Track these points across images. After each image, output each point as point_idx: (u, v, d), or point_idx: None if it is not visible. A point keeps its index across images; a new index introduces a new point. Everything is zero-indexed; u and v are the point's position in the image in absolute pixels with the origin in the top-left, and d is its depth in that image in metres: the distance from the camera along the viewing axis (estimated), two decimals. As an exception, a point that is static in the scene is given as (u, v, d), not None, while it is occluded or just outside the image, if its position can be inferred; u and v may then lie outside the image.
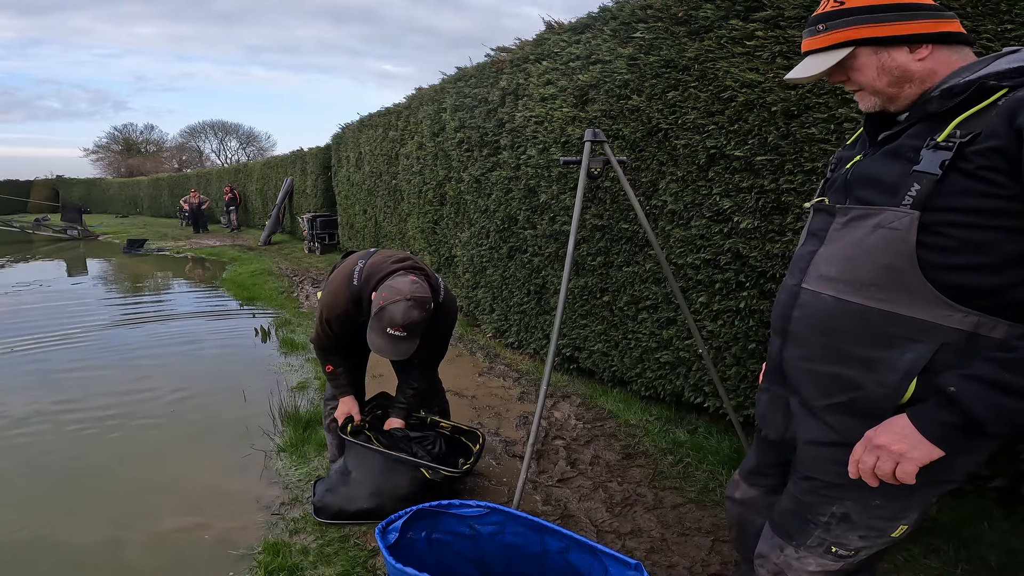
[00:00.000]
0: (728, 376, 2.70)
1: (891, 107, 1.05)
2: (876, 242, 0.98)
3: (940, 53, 1.00)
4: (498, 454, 2.84)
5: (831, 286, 1.05)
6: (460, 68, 4.89)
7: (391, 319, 1.94)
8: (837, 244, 1.05)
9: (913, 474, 0.94)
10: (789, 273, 1.17)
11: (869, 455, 0.98)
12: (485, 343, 4.78)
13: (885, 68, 1.01)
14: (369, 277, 2.12)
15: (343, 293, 2.15)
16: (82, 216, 17.25)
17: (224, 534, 2.24)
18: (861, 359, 1.01)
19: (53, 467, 2.83)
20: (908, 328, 0.96)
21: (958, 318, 0.93)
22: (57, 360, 4.65)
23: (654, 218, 2.99)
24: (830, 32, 1.04)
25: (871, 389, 1.00)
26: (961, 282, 0.93)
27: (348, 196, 8.94)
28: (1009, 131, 0.88)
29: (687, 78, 2.70)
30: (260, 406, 3.41)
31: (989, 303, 0.92)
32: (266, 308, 6.43)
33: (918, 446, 0.93)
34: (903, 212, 0.95)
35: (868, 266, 0.99)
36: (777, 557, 1.15)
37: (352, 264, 2.20)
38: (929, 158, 0.94)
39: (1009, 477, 1.98)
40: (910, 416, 0.95)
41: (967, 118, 0.93)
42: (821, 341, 1.07)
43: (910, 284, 0.95)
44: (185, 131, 48.64)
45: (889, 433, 0.96)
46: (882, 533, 1.07)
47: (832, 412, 1.06)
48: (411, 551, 1.50)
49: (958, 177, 0.92)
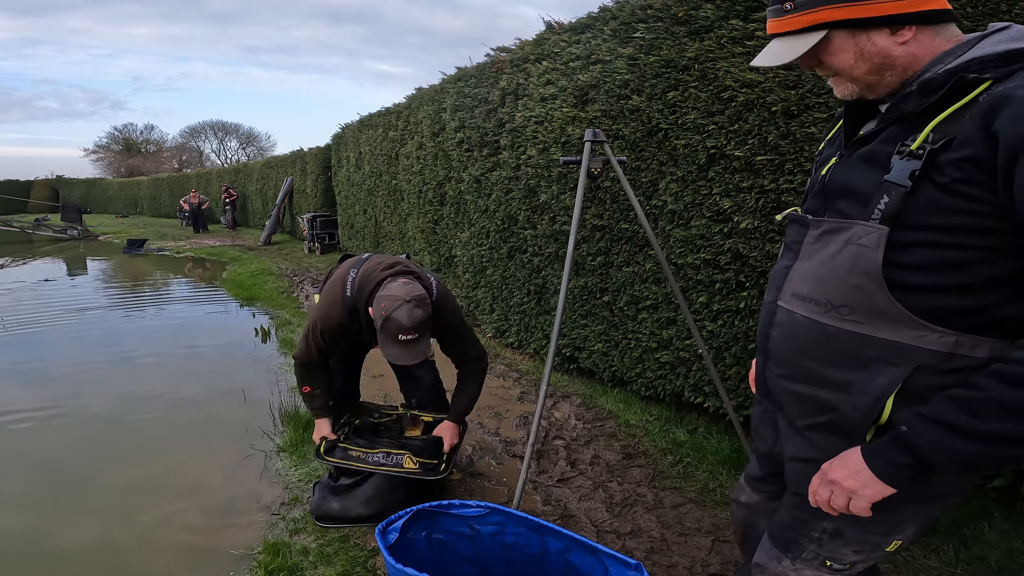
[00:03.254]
0: (728, 376, 2.70)
1: (870, 95, 0.95)
2: (845, 259, 0.91)
3: (924, 35, 0.88)
4: (498, 454, 2.83)
5: (804, 306, 0.98)
6: (460, 68, 4.89)
7: (399, 325, 1.93)
8: (810, 261, 0.98)
9: (866, 509, 0.91)
10: (767, 288, 1.11)
11: (824, 489, 0.96)
12: (485, 343, 4.77)
13: (864, 54, 0.90)
14: (362, 287, 2.11)
15: (337, 305, 2.15)
16: (82, 216, 17.26)
17: (224, 534, 2.24)
18: (835, 382, 0.96)
19: (52, 467, 2.83)
20: (882, 351, 0.89)
21: (934, 339, 0.85)
22: (56, 359, 4.65)
23: (654, 218, 2.99)
24: (800, 12, 0.91)
25: (846, 412, 0.95)
26: (936, 304, 0.85)
27: (348, 196, 8.94)
28: (985, 137, 0.78)
29: (687, 78, 2.70)
30: (260, 406, 3.41)
31: (969, 323, 0.84)
32: (266, 308, 6.43)
33: (869, 484, 0.90)
34: (872, 227, 0.87)
35: (839, 285, 0.92)
36: (775, 568, 1.15)
37: (344, 274, 2.19)
38: (899, 167, 0.85)
39: (1009, 477, 1.98)
40: (863, 452, 0.91)
41: (945, 119, 0.83)
42: (796, 362, 1.02)
43: (880, 305, 0.88)
44: (185, 131, 48.73)
45: (842, 469, 0.93)
46: (876, 548, 1.04)
47: (814, 431, 1.03)
48: (411, 551, 1.50)
49: (931, 189, 0.82)
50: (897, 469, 0.88)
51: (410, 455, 2.19)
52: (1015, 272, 0.82)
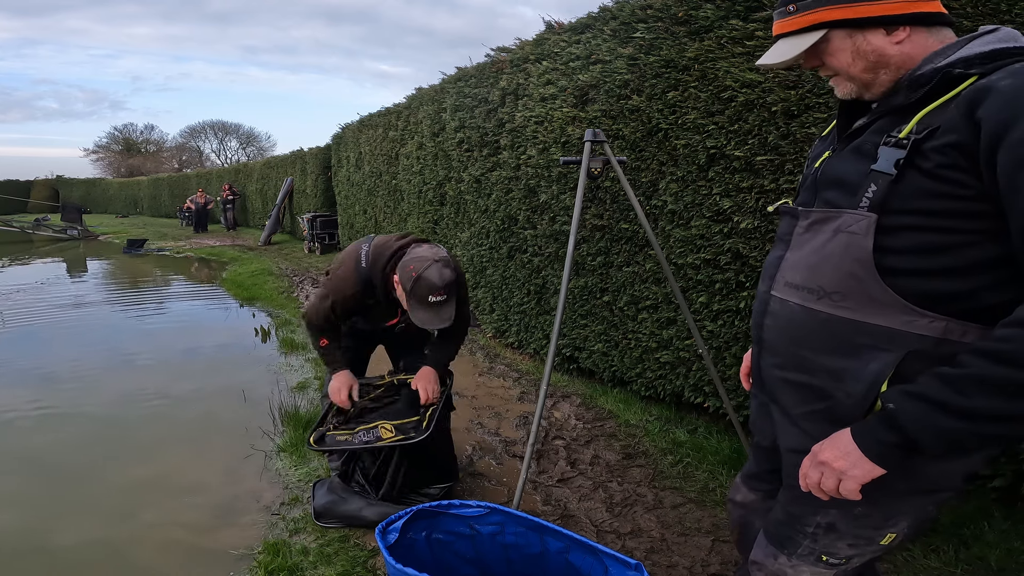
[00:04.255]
0: (728, 376, 2.70)
1: (867, 94, 0.99)
2: (836, 247, 0.94)
3: (918, 36, 0.92)
4: (498, 454, 2.83)
5: (797, 294, 1.01)
6: (460, 68, 4.89)
7: (430, 285, 1.91)
8: (802, 250, 1.01)
9: (855, 491, 0.92)
10: (761, 279, 1.14)
11: (814, 471, 0.96)
12: (485, 343, 4.78)
13: (860, 52, 0.94)
14: (377, 258, 2.10)
15: (351, 277, 2.12)
16: (82, 216, 17.26)
17: (224, 534, 2.24)
18: (828, 369, 0.98)
19: (51, 466, 2.83)
20: (874, 337, 0.92)
21: (924, 324, 0.88)
22: (55, 359, 4.65)
23: (654, 218, 2.99)
24: (801, 14, 0.97)
25: (840, 399, 0.97)
26: (925, 288, 0.87)
27: (348, 196, 8.94)
28: (968, 124, 0.81)
29: (687, 78, 2.70)
30: (260, 406, 3.41)
31: (957, 308, 0.86)
32: (266, 308, 6.43)
33: (858, 464, 0.90)
34: (860, 215, 0.90)
35: (830, 273, 0.95)
36: (772, 565, 1.15)
37: (356, 250, 2.17)
38: (885, 156, 0.89)
39: (1009, 477, 1.98)
40: (852, 432, 0.92)
41: (931, 111, 0.87)
42: (791, 350, 1.04)
43: (871, 291, 0.90)
44: (185, 131, 48.70)
45: (832, 449, 0.94)
46: (870, 541, 1.04)
47: (809, 420, 1.04)
48: (411, 551, 1.50)
49: (916, 176, 0.86)
50: (885, 448, 0.89)
51: (383, 423, 2.10)
52: (1001, 256, 0.84)
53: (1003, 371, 0.79)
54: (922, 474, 0.95)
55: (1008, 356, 0.78)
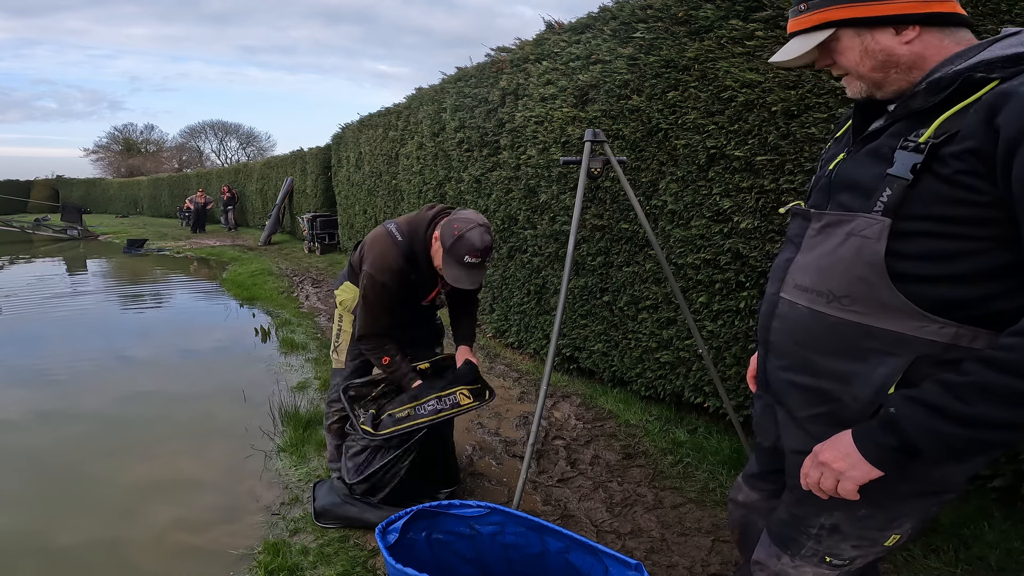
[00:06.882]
0: (728, 376, 2.70)
1: (878, 94, 0.98)
2: (848, 251, 0.93)
3: (930, 36, 0.91)
4: (498, 454, 2.83)
5: (806, 297, 1.00)
6: (460, 68, 4.90)
7: (470, 245, 1.90)
8: (812, 253, 1.01)
9: (853, 491, 0.92)
10: (769, 281, 1.13)
11: (814, 470, 0.97)
12: (485, 343, 4.78)
13: (868, 51, 0.94)
14: (415, 228, 2.07)
15: (391, 253, 2.04)
16: (82, 216, 17.25)
17: (224, 534, 2.24)
18: (836, 372, 0.97)
19: (50, 466, 2.83)
20: (882, 341, 0.91)
21: (934, 329, 0.87)
22: (54, 358, 4.64)
23: (654, 218, 2.99)
24: (812, 12, 0.97)
25: (847, 402, 0.97)
26: (936, 294, 0.87)
27: (348, 196, 8.94)
28: (988, 130, 0.80)
29: (687, 78, 2.70)
30: (260, 406, 3.41)
31: (968, 314, 0.86)
32: (266, 308, 6.43)
33: (857, 465, 0.91)
34: (874, 219, 0.89)
35: (841, 276, 0.94)
36: (775, 565, 1.15)
37: (383, 231, 2.12)
38: (902, 160, 0.87)
39: (1009, 477, 1.98)
40: (853, 434, 0.93)
41: (951, 116, 0.85)
42: (798, 353, 1.03)
43: (882, 296, 0.90)
44: (185, 131, 48.67)
45: (833, 450, 0.94)
46: (874, 543, 1.04)
47: (814, 423, 1.03)
48: (411, 551, 1.50)
49: (933, 181, 0.85)
50: (884, 452, 0.89)
51: (462, 389, 2.07)
52: (1012, 263, 0.83)
53: (1005, 380, 0.79)
54: (925, 476, 0.96)
55: (1011, 365, 0.78)
